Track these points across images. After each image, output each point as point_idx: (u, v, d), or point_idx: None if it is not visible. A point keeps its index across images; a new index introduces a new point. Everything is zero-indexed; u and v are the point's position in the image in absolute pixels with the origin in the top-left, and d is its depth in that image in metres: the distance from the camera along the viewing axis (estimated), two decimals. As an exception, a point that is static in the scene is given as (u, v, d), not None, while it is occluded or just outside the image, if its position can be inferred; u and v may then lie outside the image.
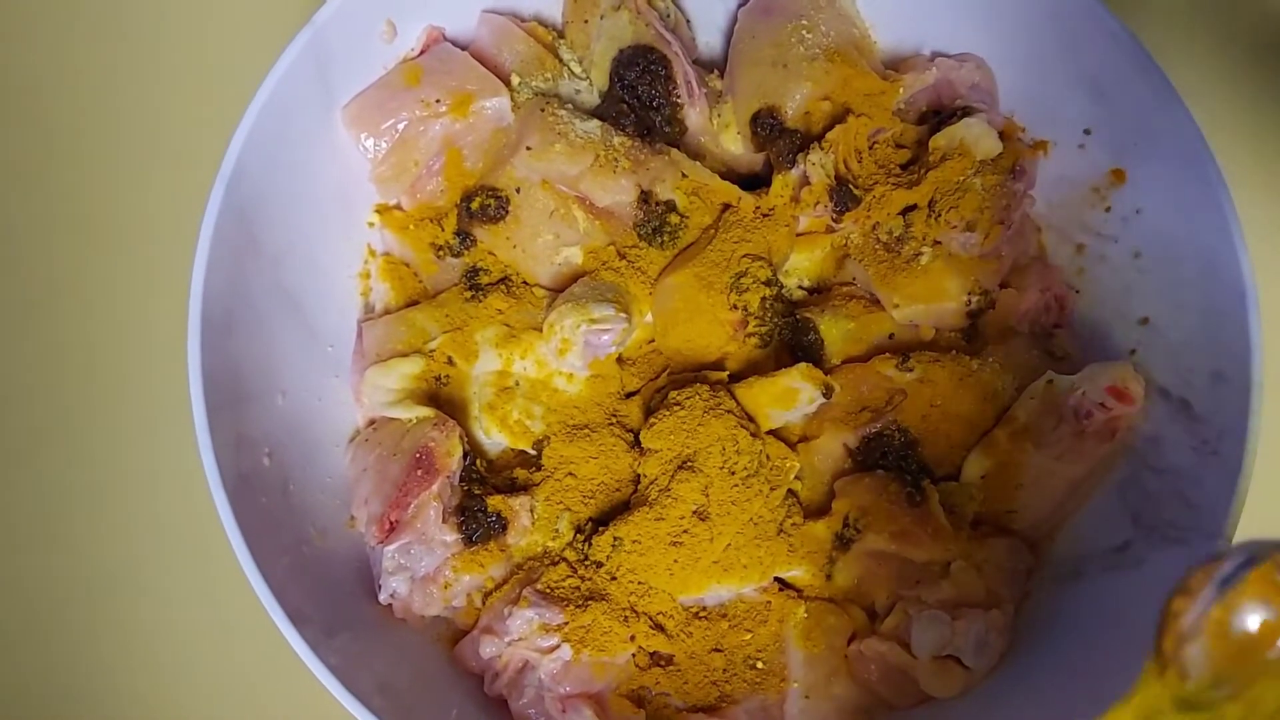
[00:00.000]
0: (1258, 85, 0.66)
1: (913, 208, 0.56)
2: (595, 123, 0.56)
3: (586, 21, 0.58)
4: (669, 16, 0.59)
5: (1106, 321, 0.57)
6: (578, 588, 0.52)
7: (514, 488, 0.54)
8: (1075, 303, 0.58)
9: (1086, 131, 0.56)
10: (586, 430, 0.54)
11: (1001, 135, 0.58)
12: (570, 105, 0.57)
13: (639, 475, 0.53)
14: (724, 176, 0.58)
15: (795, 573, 0.53)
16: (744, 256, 0.55)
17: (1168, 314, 0.54)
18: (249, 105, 0.50)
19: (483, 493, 0.53)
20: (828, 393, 0.54)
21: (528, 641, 0.50)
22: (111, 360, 0.62)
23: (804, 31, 0.57)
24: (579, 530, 0.53)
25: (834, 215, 0.56)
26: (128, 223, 0.64)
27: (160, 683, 0.58)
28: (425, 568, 0.51)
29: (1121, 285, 0.56)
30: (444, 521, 0.51)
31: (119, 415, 0.61)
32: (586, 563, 0.52)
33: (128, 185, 0.64)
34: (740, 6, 0.60)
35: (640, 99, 0.57)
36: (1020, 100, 0.59)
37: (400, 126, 0.55)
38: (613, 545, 0.51)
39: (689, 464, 0.52)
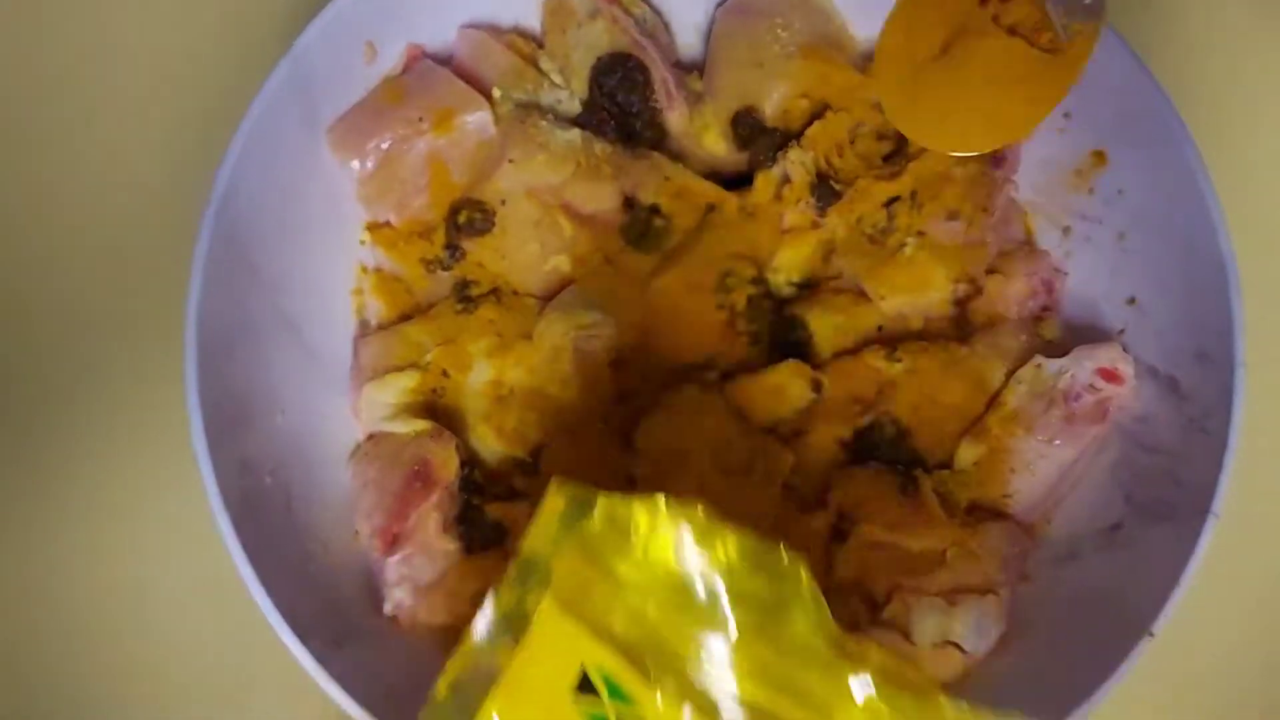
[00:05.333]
0: (1236, 63, 0.66)
1: (896, 199, 0.57)
2: (576, 132, 0.57)
3: (564, 31, 0.59)
4: (645, 21, 0.60)
5: (1095, 303, 0.57)
6: (579, 590, 0.53)
7: (513, 495, 0.55)
8: (1063, 286, 0.58)
9: (1066, 115, 0.57)
10: (581, 434, 0.55)
11: (983, 122, 0.58)
12: (551, 115, 0.58)
13: (633, 477, 0.54)
14: (710, 177, 0.59)
15: (793, 566, 0.54)
16: (729, 256, 0.56)
17: (1153, 294, 0.54)
18: (235, 135, 0.51)
19: (482, 501, 0.54)
20: (817, 388, 0.54)
21: (532, 645, 0.51)
22: (110, 387, 0.63)
23: (779, 30, 0.58)
24: (578, 534, 0.54)
25: (817, 211, 0.57)
26: (121, 254, 0.65)
27: (168, 703, 0.59)
28: (428, 577, 0.52)
29: (1108, 267, 0.56)
30: (445, 531, 0.52)
31: (119, 440, 0.62)
32: (586, 565, 0.53)
33: (119, 216, 0.65)
34: (718, 7, 0.61)
35: (620, 105, 0.58)
36: (999, 86, 0.59)
37: (385, 146, 0.56)
38: (611, 547, 0.52)
39: (682, 463, 0.53)
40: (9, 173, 0.66)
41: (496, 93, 0.58)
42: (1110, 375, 0.53)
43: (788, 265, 0.59)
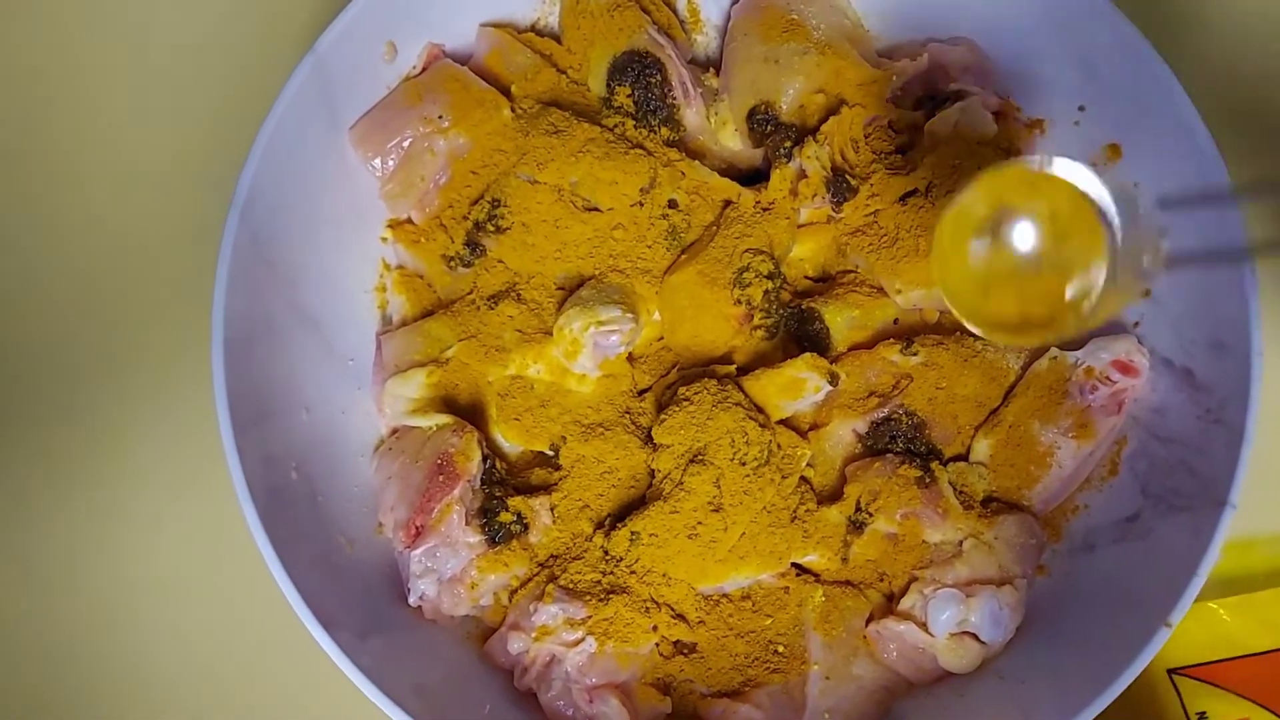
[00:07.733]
0: (1248, 53, 0.66)
1: (912, 193, 0.57)
2: (595, 128, 0.57)
3: (582, 29, 0.59)
4: (662, 19, 0.60)
5: (1110, 295, 0.57)
6: (599, 582, 0.53)
7: (533, 488, 0.56)
8: (1078, 278, 0.58)
9: (1080, 108, 0.57)
10: (601, 429, 0.56)
11: (998, 116, 0.58)
12: (569, 112, 0.58)
13: (653, 470, 0.55)
14: (726, 173, 0.59)
15: (811, 558, 0.54)
16: (746, 251, 0.56)
17: (1169, 286, 0.54)
18: (258, 135, 0.52)
19: (503, 494, 0.54)
20: (834, 381, 0.55)
21: (553, 636, 0.52)
22: (140, 384, 0.64)
23: (794, 26, 0.58)
24: (598, 526, 0.54)
25: (833, 205, 0.57)
26: (146, 254, 0.66)
27: (197, 693, 0.60)
28: (451, 569, 0.53)
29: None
30: (467, 524, 0.53)
31: (149, 437, 0.63)
32: (606, 557, 0.54)
33: (145, 216, 0.66)
34: (733, 4, 0.61)
35: (637, 102, 0.58)
36: (1014, 80, 0.59)
37: (405, 144, 0.57)
38: (630, 539, 0.53)
39: (700, 457, 0.53)
40: (36, 172, 0.67)
41: (515, 90, 0.59)
42: (1125, 368, 0.54)
43: (804, 259, 0.60)
